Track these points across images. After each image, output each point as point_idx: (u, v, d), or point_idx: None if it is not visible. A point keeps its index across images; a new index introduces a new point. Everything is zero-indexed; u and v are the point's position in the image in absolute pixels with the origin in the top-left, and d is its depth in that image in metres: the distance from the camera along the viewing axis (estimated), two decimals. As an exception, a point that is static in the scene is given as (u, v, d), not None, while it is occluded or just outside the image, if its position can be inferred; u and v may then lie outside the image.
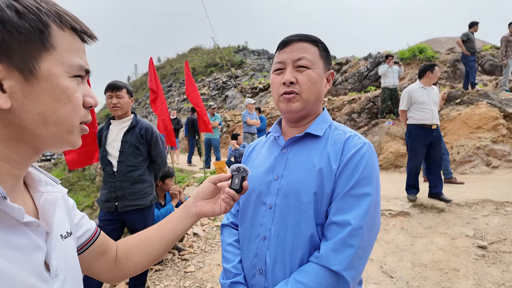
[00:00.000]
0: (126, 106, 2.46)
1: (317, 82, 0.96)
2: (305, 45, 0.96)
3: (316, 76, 0.95)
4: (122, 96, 2.42)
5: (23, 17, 0.44)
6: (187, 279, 2.99)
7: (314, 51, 0.96)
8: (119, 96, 2.40)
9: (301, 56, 0.94)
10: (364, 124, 9.04)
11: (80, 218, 0.73)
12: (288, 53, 0.96)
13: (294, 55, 0.95)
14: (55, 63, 0.48)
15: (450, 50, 11.63)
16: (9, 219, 0.46)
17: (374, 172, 0.89)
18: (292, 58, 0.95)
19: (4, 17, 0.43)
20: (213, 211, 0.88)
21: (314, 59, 0.95)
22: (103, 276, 0.79)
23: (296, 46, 0.96)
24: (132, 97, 2.52)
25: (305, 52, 0.95)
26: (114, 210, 2.40)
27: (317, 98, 0.98)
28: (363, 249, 0.83)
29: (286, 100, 0.96)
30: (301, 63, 0.94)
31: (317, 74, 0.96)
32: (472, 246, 3.19)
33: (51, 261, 0.52)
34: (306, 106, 0.97)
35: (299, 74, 0.95)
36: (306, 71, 0.94)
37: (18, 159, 0.50)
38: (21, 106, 0.46)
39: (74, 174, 14.93)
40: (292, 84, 0.94)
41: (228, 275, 1.03)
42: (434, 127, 4.17)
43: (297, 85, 0.95)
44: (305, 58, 0.94)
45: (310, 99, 0.96)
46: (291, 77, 0.94)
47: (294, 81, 0.94)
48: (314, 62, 0.95)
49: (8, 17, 0.43)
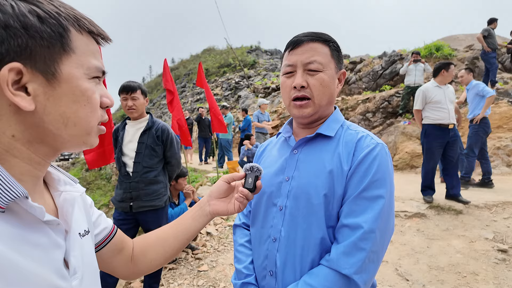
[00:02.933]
0: (141, 108, 2.46)
1: (329, 85, 0.93)
2: (315, 45, 0.92)
3: (328, 79, 0.92)
4: (137, 98, 2.40)
5: (44, 22, 0.46)
6: (200, 278, 3.01)
7: (326, 52, 0.93)
8: (134, 98, 2.39)
9: (312, 59, 0.91)
10: (379, 123, 8.89)
11: (97, 216, 0.75)
12: (299, 56, 0.92)
13: (304, 57, 0.91)
14: (75, 65, 0.50)
15: (468, 48, 11.29)
16: (30, 217, 0.47)
17: (387, 174, 0.87)
18: (303, 61, 0.92)
19: (27, 23, 0.44)
20: (227, 210, 0.88)
21: (325, 61, 0.92)
22: (120, 273, 0.81)
23: (306, 47, 0.92)
24: (146, 97, 2.50)
25: (316, 55, 0.91)
26: (128, 210, 2.43)
27: (329, 101, 0.96)
28: (375, 252, 0.81)
29: (298, 106, 0.94)
30: (312, 67, 0.91)
31: (329, 77, 0.93)
32: (492, 249, 3.09)
33: (70, 259, 0.53)
34: (319, 110, 0.95)
35: (310, 77, 0.92)
36: (318, 74, 0.91)
37: (38, 160, 0.51)
38: (43, 108, 0.47)
39: (91, 174, 15.29)
40: (303, 88, 0.92)
41: (240, 275, 1.03)
42: (451, 126, 4.06)
43: (308, 89, 0.92)
44: (316, 61, 0.91)
45: (323, 103, 0.94)
46: (302, 81, 0.91)
47: (305, 85, 0.91)
48: (326, 64, 0.92)
49: (31, 23, 0.44)
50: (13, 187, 0.44)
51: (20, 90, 0.45)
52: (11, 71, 0.44)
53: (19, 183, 0.46)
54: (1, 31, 0.43)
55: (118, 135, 2.56)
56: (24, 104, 0.44)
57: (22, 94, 0.45)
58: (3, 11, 0.43)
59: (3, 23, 0.43)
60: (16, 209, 0.46)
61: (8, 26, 0.43)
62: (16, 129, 0.47)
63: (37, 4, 0.46)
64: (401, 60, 10.81)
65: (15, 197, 0.43)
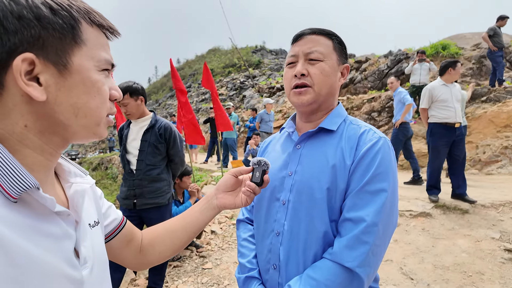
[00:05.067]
0: (135, 110, 2.42)
1: (329, 74, 0.94)
2: (318, 37, 0.94)
3: (329, 69, 0.93)
4: (127, 103, 2.35)
5: (56, 13, 0.47)
6: (204, 276, 3.03)
7: (327, 44, 0.95)
8: (124, 104, 2.35)
9: (313, 49, 0.93)
10: (384, 123, 8.84)
11: (107, 208, 0.76)
12: (300, 46, 0.95)
13: (306, 48, 0.94)
14: (86, 57, 0.51)
15: (475, 46, 11.16)
16: (42, 208, 0.48)
17: (390, 168, 0.87)
18: (304, 51, 0.94)
19: (40, 14, 0.45)
20: (234, 204, 0.89)
21: (327, 52, 0.94)
22: (129, 263, 0.82)
23: (309, 39, 0.94)
24: (140, 96, 2.40)
25: (317, 45, 0.93)
26: (132, 207, 2.46)
27: (330, 91, 0.96)
28: (378, 246, 0.82)
29: (297, 94, 0.95)
30: (313, 56, 0.93)
31: (329, 67, 0.94)
32: (498, 249, 3.06)
33: (80, 248, 0.55)
34: (318, 99, 0.95)
35: (311, 66, 0.93)
36: (318, 63, 0.93)
37: (50, 151, 0.52)
38: (55, 99, 0.48)
39: (97, 173, 15.44)
40: (304, 76, 0.93)
41: (243, 269, 1.04)
42: (458, 125, 4.02)
43: (309, 77, 0.93)
44: (317, 51, 0.92)
45: (322, 92, 0.94)
46: (302, 69, 0.93)
47: (306, 73, 0.93)
48: (327, 55, 0.94)
49: (43, 14, 0.45)
50: (25, 178, 0.45)
51: (32, 80, 0.46)
52: (24, 61, 0.44)
53: (31, 173, 0.47)
54: (14, 22, 0.43)
55: (123, 133, 2.58)
56: (36, 94, 0.46)
57: (34, 84, 0.46)
58: (17, 2, 0.44)
59: (16, 14, 0.44)
60: (28, 199, 0.47)
61: (22, 17, 0.44)
62: (28, 119, 0.48)
63: None
64: (407, 59, 10.72)
65: (27, 188, 0.44)
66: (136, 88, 2.38)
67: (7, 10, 0.43)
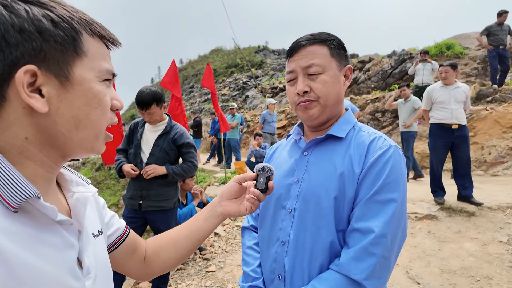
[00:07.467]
0: (159, 117, 2.46)
1: (333, 85, 0.91)
2: (313, 48, 0.90)
3: (331, 80, 0.90)
4: (153, 112, 2.37)
5: (58, 26, 0.47)
6: (208, 279, 3.01)
7: (324, 53, 0.91)
8: (150, 113, 2.36)
9: (310, 63, 0.89)
10: (388, 123, 8.78)
11: (110, 217, 0.76)
12: (297, 61, 0.92)
13: (303, 62, 0.90)
14: (87, 68, 0.51)
15: (480, 46, 11.06)
16: (43, 218, 0.47)
17: (400, 177, 0.84)
18: (302, 65, 0.90)
19: (42, 27, 0.45)
20: (239, 211, 0.87)
21: (324, 62, 0.90)
22: (133, 273, 0.81)
23: (303, 52, 0.91)
24: (164, 103, 2.44)
25: (314, 58, 0.89)
26: (137, 208, 2.45)
27: (336, 100, 0.94)
28: (387, 258, 0.79)
29: (303, 108, 0.93)
30: (312, 70, 0.89)
31: (331, 77, 0.90)
32: (506, 252, 3.01)
33: (84, 258, 0.54)
34: (325, 111, 0.92)
35: (312, 82, 0.90)
36: (319, 77, 0.90)
37: (50, 163, 0.52)
38: (56, 110, 0.48)
39: (100, 173, 15.48)
40: (306, 93, 0.91)
41: (247, 278, 1.02)
42: (455, 126, 4.02)
43: (312, 93, 0.90)
44: (315, 64, 0.89)
45: (329, 102, 0.92)
46: (304, 87, 0.90)
47: (308, 89, 0.90)
48: (326, 65, 0.90)
49: (45, 27, 0.45)
50: (25, 187, 0.44)
51: (34, 92, 0.46)
52: (26, 73, 0.44)
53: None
54: (16, 35, 0.43)
55: (136, 131, 2.55)
56: (38, 105, 0.45)
57: (36, 96, 0.46)
58: (18, 15, 0.44)
59: (18, 27, 0.43)
60: (29, 209, 0.46)
61: (23, 30, 0.44)
62: (29, 131, 0.47)
63: (50, 8, 0.47)
64: (410, 59, 10.66)
65: (27, 197, 0.44)
66: (161, 95, 2.39)
67: (8, 24, 0.43)
